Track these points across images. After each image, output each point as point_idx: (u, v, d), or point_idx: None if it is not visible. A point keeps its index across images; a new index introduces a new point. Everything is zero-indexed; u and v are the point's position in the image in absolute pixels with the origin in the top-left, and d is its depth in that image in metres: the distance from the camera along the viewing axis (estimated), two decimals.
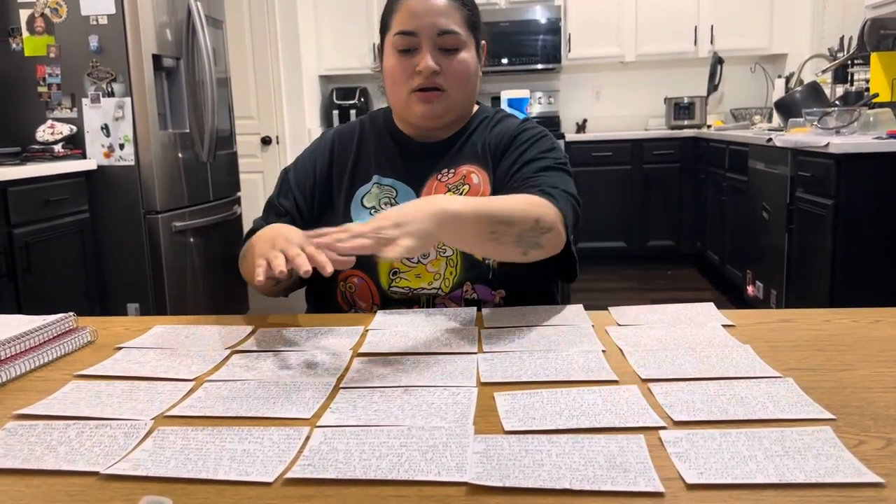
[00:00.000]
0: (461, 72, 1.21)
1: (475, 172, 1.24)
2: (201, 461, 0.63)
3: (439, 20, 1.18)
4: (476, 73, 1.25)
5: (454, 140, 1.29)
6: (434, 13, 1.18)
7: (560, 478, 0.58)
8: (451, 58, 1.20)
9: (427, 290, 1.17)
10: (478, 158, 1.26)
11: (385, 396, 0.76)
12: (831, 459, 0.59)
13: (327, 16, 5.44)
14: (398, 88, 1.22)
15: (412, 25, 1.18)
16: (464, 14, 1.22)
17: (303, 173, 1.30)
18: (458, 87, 1.22)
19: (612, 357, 0.87)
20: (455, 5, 1.21)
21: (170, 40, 3.38)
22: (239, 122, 4.37)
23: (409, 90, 1.20)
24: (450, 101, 1.22)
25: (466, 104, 1.27)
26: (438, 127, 1.26)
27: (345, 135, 1.33)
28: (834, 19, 4.54)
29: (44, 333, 0.95)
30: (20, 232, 2.76)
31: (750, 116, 5.03)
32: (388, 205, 1.22)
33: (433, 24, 1.18)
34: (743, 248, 3.94)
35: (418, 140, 1.29)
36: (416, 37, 1.18)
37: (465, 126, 1.31)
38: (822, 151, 2.73)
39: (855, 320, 1.00)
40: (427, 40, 1.18)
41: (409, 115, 1.24)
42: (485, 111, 1.35)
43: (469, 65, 1.22)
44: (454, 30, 1.19)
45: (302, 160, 1.32)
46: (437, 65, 1.18)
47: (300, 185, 1.28)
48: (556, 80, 5.69)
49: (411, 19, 1.18)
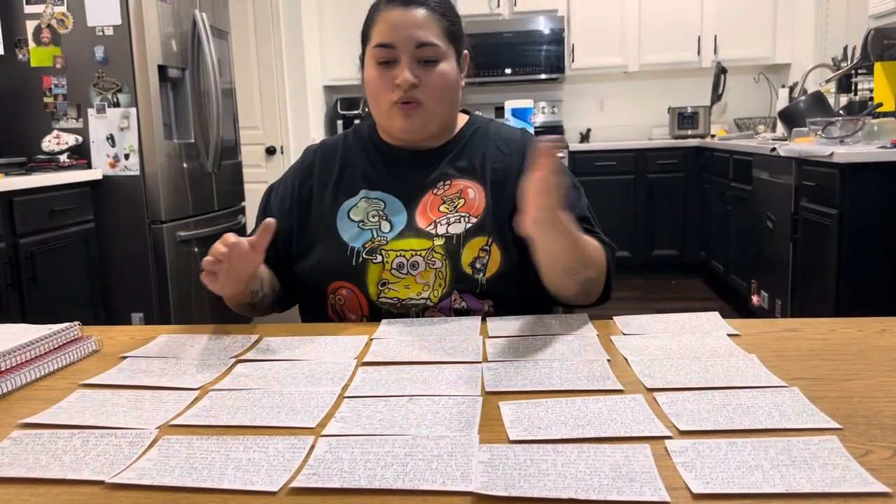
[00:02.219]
0: (439, 84, 1.20)
1: (472, 187, 1.24)
2: (206, 470, 0.63)
3: (417, 32, 1.18)
4: (456, 83, 1.24)
5: (444, 150, 1.28)
6: (412, 25, 1.18)
7: (565, 487, 0.57)
8: (430, 70, 1.19)
9: (416, 300, 1.17)
10: (474, 174, 1.25)
11: (390, 405, 0.76)
12: (838, 469, 0.59)
13: (332, 26, 5.46)
14: (379, 101, 1.22)
15: (390, 38, 1.18)
16: (443, 25, 1.21)
17: (283, 192, 1.30)
18: (436, 99, 1.21)
19: (617, 366, 0.87)
20: (434, 16, 1.20)
21: (175, 51, 3.40)
22: (244, 132, 4.39)
23: (389, 103, 1.20)
24: (428, 113, 1.21)
25: (447, 115, 1.26)
26: (421, 139, 1.26)
27: (328, 149, 1.33)
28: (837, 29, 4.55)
29: (49, 343, 0.96)
30: (26, 241, 2.77)
31: (754, 126, 5.04)
32: (376, 217, 1.22)
33: (411, 37, 1.17)
34: (747, 257, 3.93)
35: (405, 148, 1.28)
36: (395, 49, 1.18)
37: (455, 136, 1.30)
38: (827, 161, 2.73)
39: (861, 329, 1.00)
40: (405, 53, 1.18)
41: (391, 127, 1.24)
42: (477, 121, 1.34)
43: (448, 76, 1.21)
44: (432, 41, 1.19)
45: (284, 179, 1.33)
46: (415, 77, 1.18)
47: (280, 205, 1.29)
48: (560, 89, 5.70)
49: (390, 31, 1.18)
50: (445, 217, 1.21)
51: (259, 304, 1.21)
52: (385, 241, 1.19)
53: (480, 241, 1.18)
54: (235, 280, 1.06)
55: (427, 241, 1.19)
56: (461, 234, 1.19)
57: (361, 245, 1.19)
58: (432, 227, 1.20)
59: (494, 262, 1.17)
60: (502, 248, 1.18)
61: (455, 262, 1.17)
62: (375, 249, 1.19)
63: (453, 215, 1.20)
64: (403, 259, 1.18)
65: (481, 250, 1.18)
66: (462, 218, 1.20)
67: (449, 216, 1.21)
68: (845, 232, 2.67)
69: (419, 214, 1.22)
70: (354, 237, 1.20)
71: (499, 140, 1.30)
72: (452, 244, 1.18)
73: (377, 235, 1.20)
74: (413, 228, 1.20)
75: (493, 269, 1.17)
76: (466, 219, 1.20)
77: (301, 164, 1.34)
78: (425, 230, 1.20)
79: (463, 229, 1.19)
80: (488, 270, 1.17)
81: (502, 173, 1.25)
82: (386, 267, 1.17)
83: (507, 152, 1.27)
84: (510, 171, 1.24)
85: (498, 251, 1.18)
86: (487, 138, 1.30)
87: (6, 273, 2.66)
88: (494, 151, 1.28)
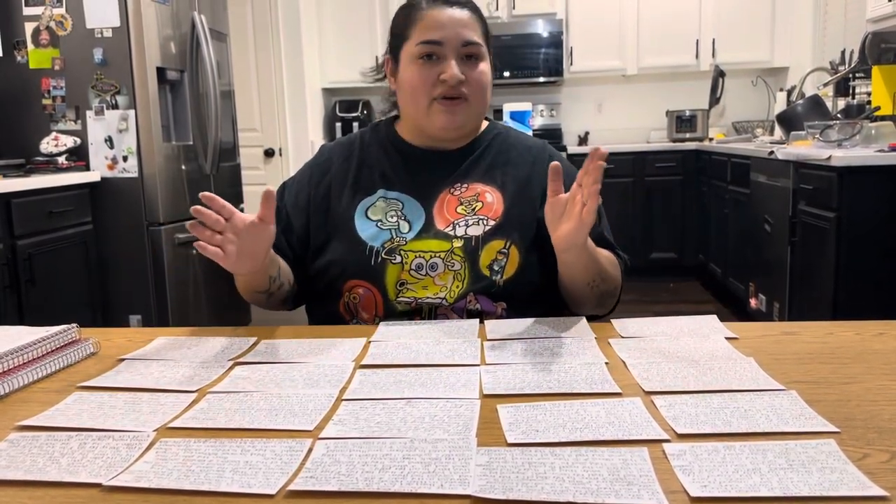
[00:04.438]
0: (483, 82, 1.23)
1: (489, 192, 1.25)
2: (203, 473, 0.63)
3: (464, 31, 1.20)
4: (491, 84, 1.27)
5: (465, 153, 1.29)
6: (459, 24, 1.20)
7: (563, 491, 0.57)
8: (473, 67, 1.22)
9: (432, 299, 1.17)
10: (494, 180, 1.26)
11: (387, 408, 0.76)
12: (835, 473, 0.59)
13: (331, 28, 5.47)
14: (419, 98, 1.22)
15: (438, 35, 1.19)
16: (482, 27, 1.25)
17: (297, 189, 1.30)
18: (480, 96, 1.24)
19: (616, 369, 0.87)
20: (476, 17, 1.24)
21: (174, 53, 3.40)
22: (242, 134, 4.38)
23: (430, 99, 1.21)
24: (471, 110, 1.23)
25: (482, 114, 1.29)
26: (456, 137, 1.27)
27: (343, 148, 1.33)
28: (835, 33, 4.56)
29: (46, 345, 0.95)
30: (23, 243, 2.77)
31: (752, 129, 5.04)
32: (394, 217, 1.23)
33: (458, 35, 1.20)
34: (745, 260, 3.94)
35: (425, 149, 1.29)
36: (442, 46, 1.20)
37: (476, 139, 1.31)
38: (825, 164, 2.73)
39: (858, 333, 1.00)
40: (452, 50, 1.20)
41: (429, 124, 1.24)
42: (497, 127, 1.36)
43: (487, 75, 1.24)
44: (477, 41, 1.22)
45: (298, 177, 1.33)
46: (462, 75, 1.20)
47: (295, 202, 1.28)
48: (559, 92, 5.71)
49: (437, 29, 1.20)
50: (464, 219, 1.22)
51: (276, 292, 1.20)
52: (404, 241, 1.20)
53: (499, 244, 1.19)
54: (251, 257, 1.05)
55: (446, 242, 1.19)
56: (480, 236, 1.20)
57: (381, 245, 1.20)
58: (451, 229, 1.21)
59: (512, 265, 1.19)
60: (521, 252, 1.20)
61: (473, 264, 1.18)
62: (394, 250, 1.19)
63: (472, 217, 1.22)
64: (423, 260, 1.19)
65: (499, 253, 1.19)
66: (480, 220, 1.21)
67: (467, 218, 1.22)
68: (843, 235, 2.67)
69: (437, 215, 1.23)
70: (373, 237, 1.21)
71: (521, 147, 1.32)
72: (471, 245, 1.19)
73: (396, 236, 1.21)
74: (432, 229, 1.21)
75: (510, 271, 1.19)
76: (485, 221, 1.21)
77: (317, 161, 1.34)
78: (444, 231, 1.21)
79: (482, 231, 1.20)
80: (506, 273, 1.18)
81: (525, 180, 1.26)
82: (405, 268, 1.18)
83: (529, 160, 1.29)
84: (532, 178, 1.26)
85: (517, 254, 1.19)
86: (509, 144, 1.32)
87: (4, 275, 2.66)
88: (516, 158, 1.30)
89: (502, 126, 1.37)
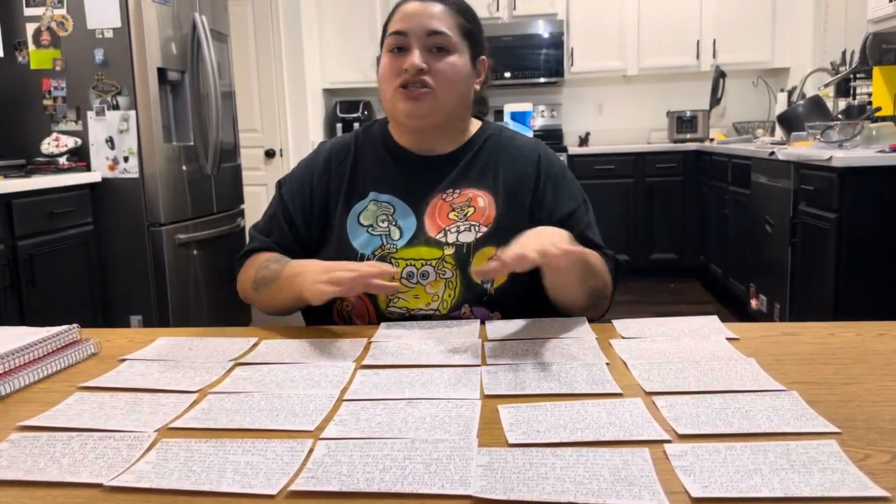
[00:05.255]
0: (448, 72, 1.20)
1: (481, 196, 1.23)
2: (204, 473, 0.63)
3: (430, 21, 1.19)
4: (467, 79, 1.24)
5: (458, 156, 1.27)
6: (425, 15, 1.20)
7: (564, 491, 0.57)
8: (440, 58, 1.20)
9: (424, 310, 1.17)
10: (486, 184, 1.24)
11: (388, 409, 0.76)
12: (837, 473, 0.59)
13: (331, 29, 5.47)
14: (386, 87, 1.22)
15: (403, 26, 1.19)
16: (458, 21, 1.22)
17: (297, 187, 1.29)
18: (445, 87, 1.20)
19: (616, 370, 0.87)
20: (449, 11, 1.22)
21: (175, 54, 3.40)
22: (243, 134, 4.39)
23: (394, 88, 1.20)
24: (436, 101, 1.20)
25: (456, 108, 1.24)
26: (424, 127, 1.24)
27: (340, 148, 1.31)
28: (836, 34, 4.56)
29: (47, 345, 0.96)
30: (24, 244, 2.77)
31: (752, 130, 5.04)
32: (385, 222, 1.22)
33: (422, 25, 1.19)
34: (746, 261, 3.94)
35: (417, 153, 1.27)
36: (406, 36, 1.19)
37: (468, 142, 1.29)
38: (825, 165, 2.73)
39: (859, 333, 1.00)
40: (416, 40, 1.19)
41: (396, 113, 1.23)
42: (490, 128, 1.33)
43: (458, 67, 1.21)
44: (443, 31, 1.19)
45: (297, 174, 1.31)
46: (424, 63, 1.18)
47: (294, 200, 1.27)
48: (559, 93, 5.71)
49: (403, 20, 1.20)
50: (455, 225, 1.20)
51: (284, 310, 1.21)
52: (395, 248, 1.19)
53: (490, 251, 1.17)
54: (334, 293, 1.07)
55: (437, 249, 1.19)
56: (471, 242, 1.19)
57: (371, 253, 1.19)
58: (442, 236, 1.20)
59: None
60: None
61: (465, 271, 1.17)
62: (385, 258, 1.18)
63: (463, 223, 1.20)
64: (413, 268, 1.18)
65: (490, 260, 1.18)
66: (472, 227, 1.20)
67: (459, 224, 1.20)
68: (844, 236, 2.67)
69: (428, 220, 1.21)
70: (364, 244, 1.20)
71: (512, 148, 1.29)
72: (462, 253, 1.18)
73: (387, 242, 1.20)
74: (423, 236, 1.20)
75: (501, 278, 1.17)
76: (476, 228, 1.20)
77: (315, 159, 1.31)
78: (435, 238, 1.19)
79: (473, 238, 1.19)
80: (497, 280, 1.17)
81: (516, 183, 1.25)
82: (396, 277, 1.16)
83: (521, 161, 1.27)
84: (524, 180, 1.25)
85: None
86: (501, 146, 1.29)
87: (5, 275, 2.66)
88: (508, 160, 1.27)
89: (496, 126, 1.34)
